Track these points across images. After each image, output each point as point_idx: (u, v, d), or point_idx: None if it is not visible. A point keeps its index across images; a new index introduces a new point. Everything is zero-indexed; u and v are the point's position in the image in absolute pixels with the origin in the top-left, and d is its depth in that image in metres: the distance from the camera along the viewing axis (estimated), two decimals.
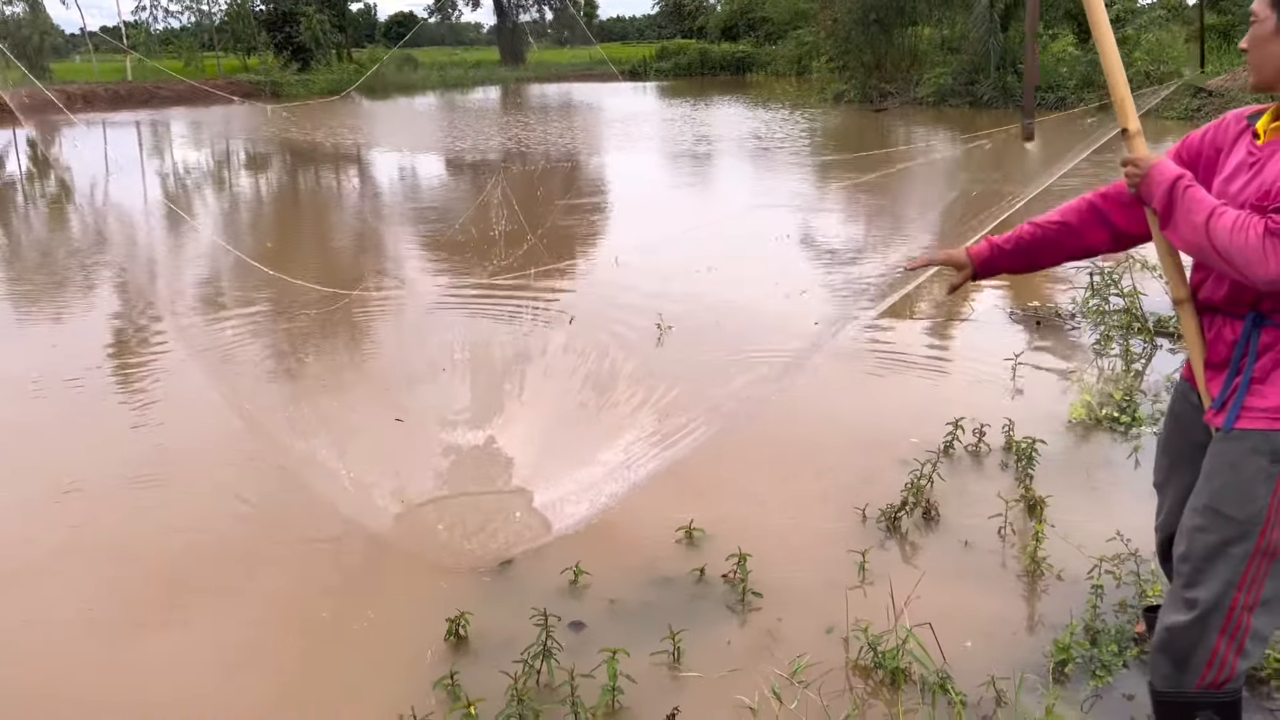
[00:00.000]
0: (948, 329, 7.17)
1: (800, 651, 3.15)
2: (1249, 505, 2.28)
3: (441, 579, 3.70)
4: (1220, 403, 2.35)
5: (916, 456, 4.35)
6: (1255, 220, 2.10)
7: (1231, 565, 2.31)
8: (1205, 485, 2.38)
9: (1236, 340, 2.32)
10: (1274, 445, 2.27)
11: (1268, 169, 2.21)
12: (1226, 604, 2.32)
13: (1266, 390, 2.28)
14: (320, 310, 7.37)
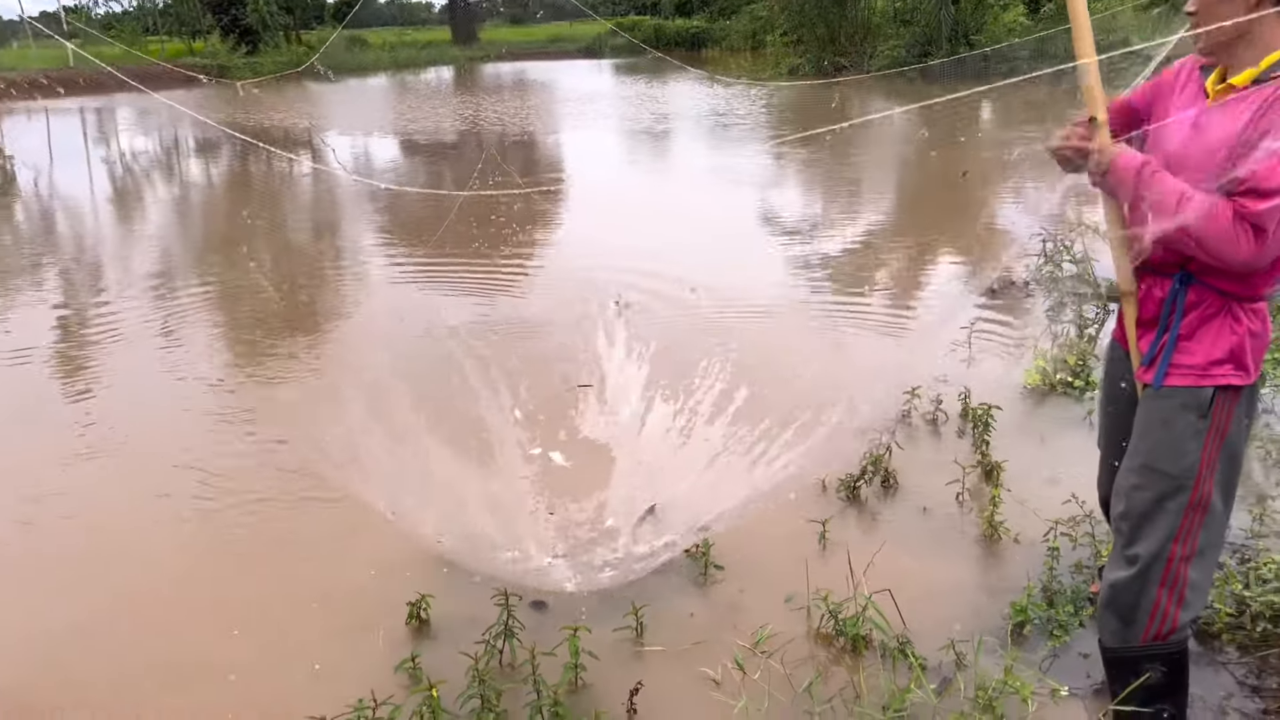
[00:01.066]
0: (904, 299, 7.22)
1: (763, 622, 3.17)
2: (1182, 460, 2.34)
3: (402, 563, 3.67)
4: (1149, 359, 2.40)
5: (875, 426, 4.37)
6: (1224, 205, 2.11)
7: (1168, 519, 2.36)
8: (1139, 443, 2.43)
9: (1165, 298, 2.36)
10: (1201, 401, 2.32)
11: (1210, 132, 2.23)
12: (1164, 556, 2.37)
13: (1193, 347, 2.33)
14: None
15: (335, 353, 6.31)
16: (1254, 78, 2.18)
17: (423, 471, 4.13)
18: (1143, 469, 2.40)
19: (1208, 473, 2.35)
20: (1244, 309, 2.31)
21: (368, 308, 7.41)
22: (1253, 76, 2.18)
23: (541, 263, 8.70)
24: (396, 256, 9.19)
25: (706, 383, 5.31)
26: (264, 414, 5.18)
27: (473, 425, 4.71)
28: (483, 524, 3.69)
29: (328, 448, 4.68)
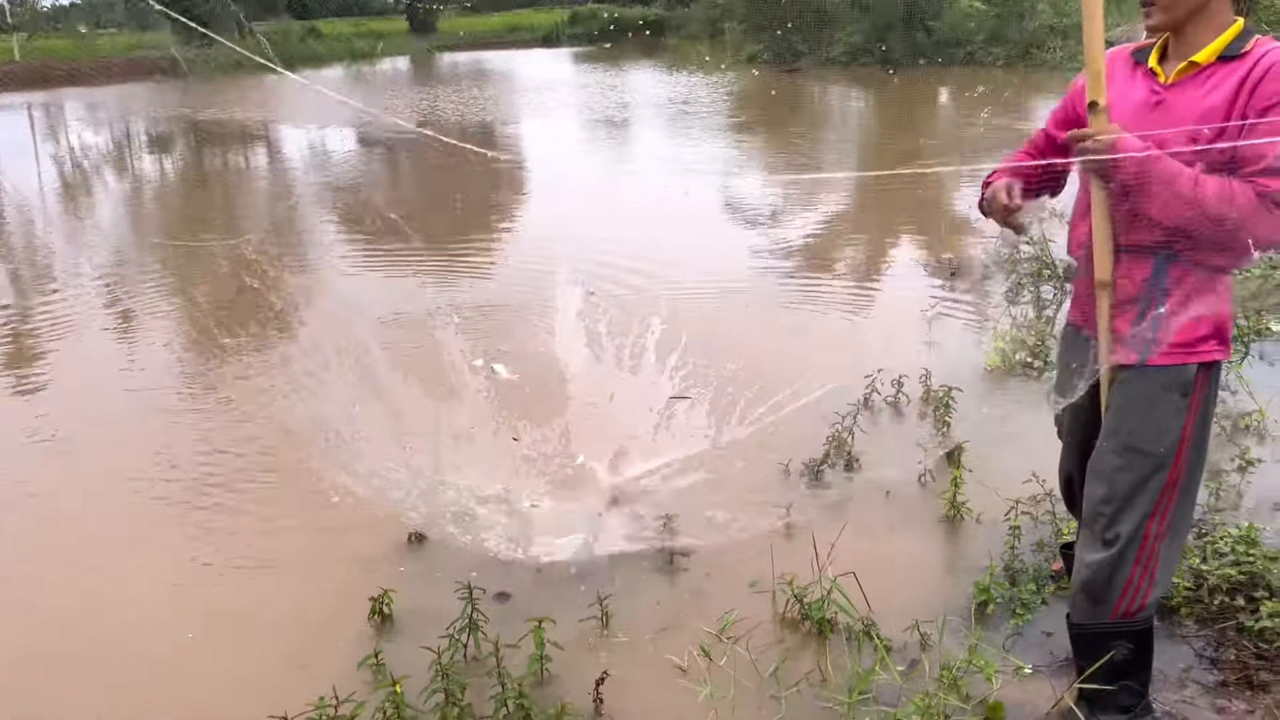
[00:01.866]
0: (865, 282, 7.25)
1: (728, 608, 3.14)
2: (1164, 438, 2.34)
3: (364, 557, 3.63)
4: (1133, 338, 2.38)
5: (838, 409, 4.38)
6: (1241, 186, 2.10)
7: (1148, 498, 2.36)
8: (1121, 424, 2.40)
9: (1147, 278, 2.33)
10: (1185, 378, 2.32)
11: (1177, 109, 2.23)
12: (1141, 535, 2.38)
13: (1177, 324, 2.32)
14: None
15: (299, 339, 6.21)
16: (1219, 53, 2.19)
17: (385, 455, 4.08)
18: (1125, 450, 2.38)
19: (1186, 450, 2.35)
20: (1224, 283, 2.31)
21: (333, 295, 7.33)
22: (1217, 52, 2.19)
23: (502, 254, 8.64)
24: (363, 245, 9.09)
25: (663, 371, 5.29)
26: (223, 403, 5.10)
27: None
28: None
29: (285, 436, 4.63)
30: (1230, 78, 2.16)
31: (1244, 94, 2.13)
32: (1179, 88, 2.25)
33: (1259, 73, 2.12)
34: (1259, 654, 2.81)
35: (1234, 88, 2.14)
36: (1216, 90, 2.17)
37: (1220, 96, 2.16)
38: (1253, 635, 2.86)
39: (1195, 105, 2.20)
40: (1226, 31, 2.19)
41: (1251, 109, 2.12)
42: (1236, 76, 2.15)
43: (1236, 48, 2.18)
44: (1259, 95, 2.11)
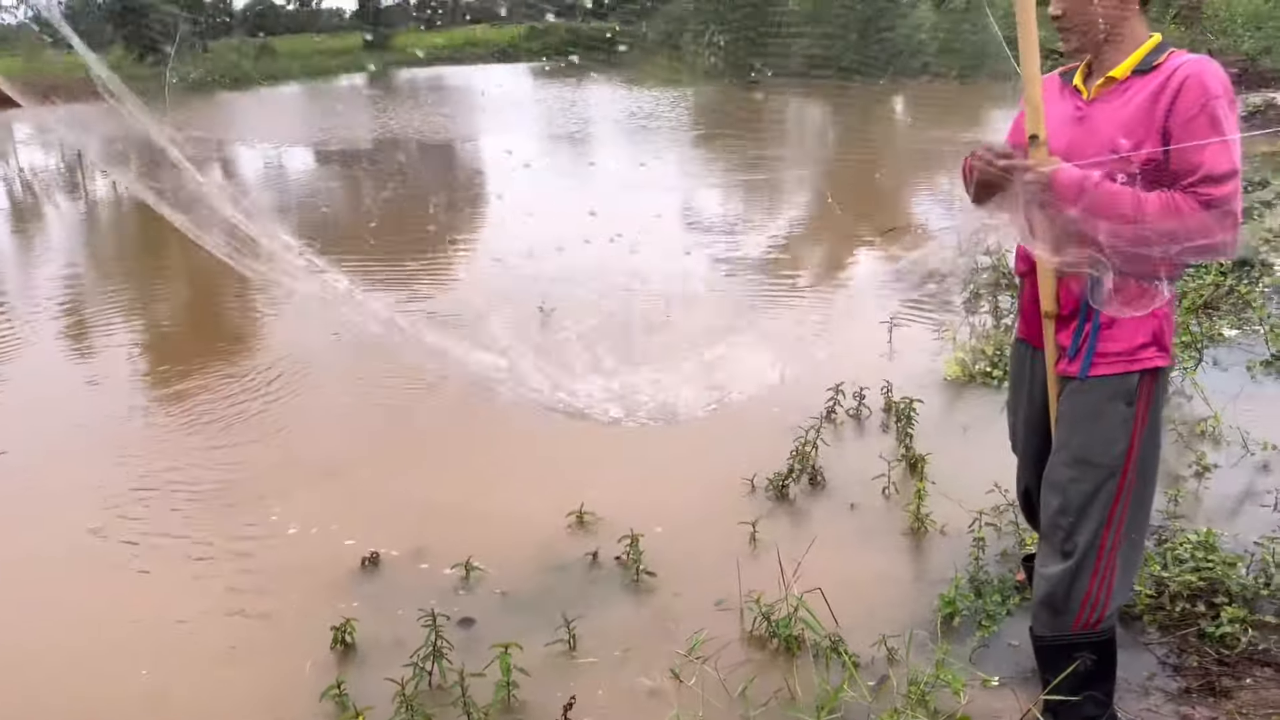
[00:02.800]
0: (824, 294, 7.28)
1: (697, 627, 3.14)
2: (1113, 448, 2.37)
3: (325, 585, 3.57)
4: (1074, 351, 2.42)
5: (801, 423, 4.38)
6: (1182, 198, 2.15)
7: (1102, 508, 2.39)
8: (1070, 437, 2.44)
9: (1083, 290, 2.37)
10: (1129, 387, 2.36)
11: (1097, 122, 2.31)
12: (1097, 545, 2.41)
13: (1116, 334, 2.36)
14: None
15: (257, 358, 6.13)
16: (1134, 68, 2.28)
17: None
18: (1077, 462, 2.41)
19: (1135, 458, 2.39)
20: (1158, 291, 2.34)
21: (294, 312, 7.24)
22: (1132, 66, 2.28)
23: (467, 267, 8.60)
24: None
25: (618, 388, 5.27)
26: (181, 429, 5.01)
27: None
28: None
29: (243, 463, 4.57)
30: (1146, 89, 2.24)
31: (1161, 104, 2.20)
32: (1100, 102, 2.33)
33: (1175, 84, 2.19)
34: (1221, 660, 2.84)
35: (1150, 98, 2.22)
36: (1133, 102, 2.25)
37: (1136, 107, 2.24)
38: (1214, 641, 2.89)
39: (1114, 117, 2.28)
40: (1141, 47, 2.29)
41: (1174, 122, 2.18)
42: (1152, 88, 2.23)
43: (1150, 61, 2.26)
44: (1180, 108, 2.18)
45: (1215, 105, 2.16)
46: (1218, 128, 2.15)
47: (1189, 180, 2.16)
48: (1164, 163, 2.21)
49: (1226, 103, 2.18)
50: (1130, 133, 2.24)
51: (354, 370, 5.83)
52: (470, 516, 4.02)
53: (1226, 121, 2.17)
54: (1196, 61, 2.22)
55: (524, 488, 4.25)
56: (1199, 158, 2.15)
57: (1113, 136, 2.26)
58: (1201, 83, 2.17)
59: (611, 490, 4.15)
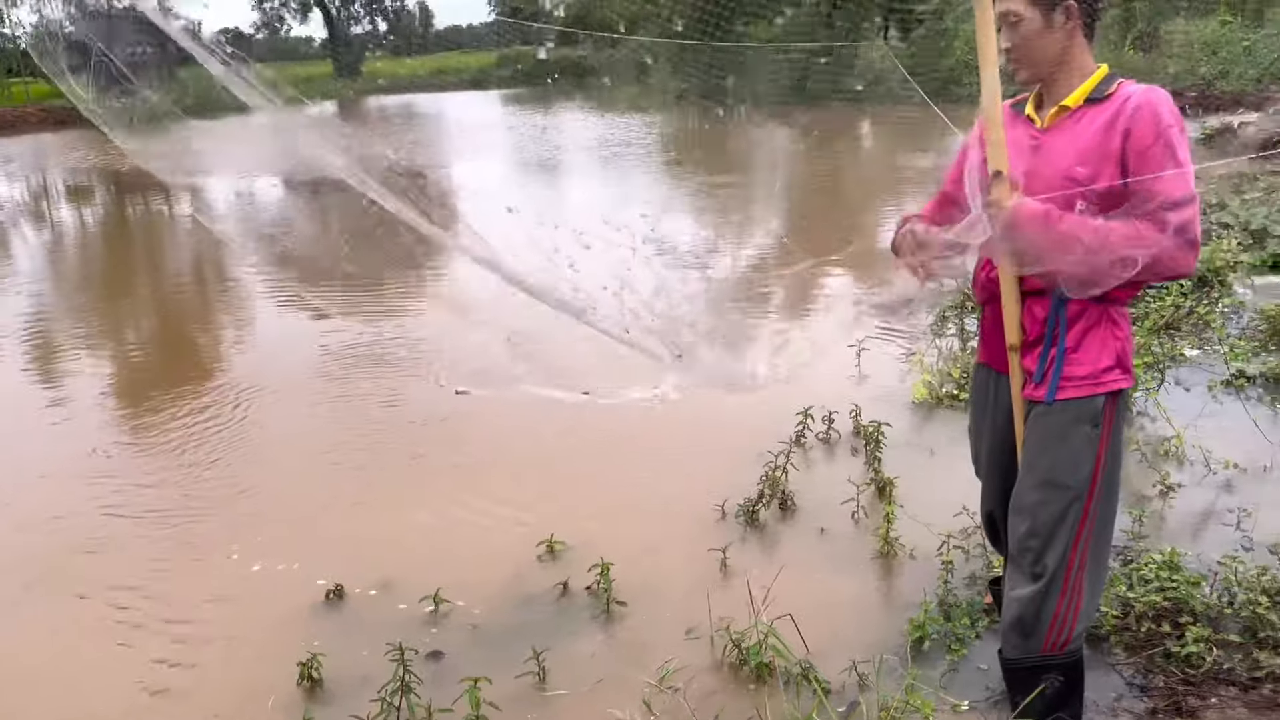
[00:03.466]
0: (793, 318, 7.32)
1: (668, 656, 3.13)
2: (1080, 471, 2.40)
3: (291, 621, 3.52)
4: (1040, 376, 2.45)
5: (770, 448, 4.39)
6: (1144, 225, 2.19)
7: (1069, 529, 2.42)
8: (1038, 460, 2.46)
9: (1047, 315, 2.41)
10: (1095, 410, 2.39)
11: (1053, 151, 2.36)
12: (1065, 566, 2.43)
13: (1081, 358, 2.40)
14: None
15: (218, 391, 6.07)
16: (1086, 96, 2.34)
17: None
18: (1045, 485, 2.43)
19: (1100, 480, 2.41)
20: (1120, 316, 2.40)
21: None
22: (1084, 95, 2.35)
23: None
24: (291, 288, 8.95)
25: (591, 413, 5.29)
26: (140, 465, 4.94)
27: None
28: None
29: (204, 499, 4.51)
30: (1099, 118, 2.30)
31: (1116, 133, 2.26)
32: (1054, 130, 2.39)
33: (1129, 113, 2.25)
34: (1186, 680, 2.86)
35: (1104, 127, 2.29)
36: (1087, 131, 2.31)
37: (1091, 135, 2.30)
38: (1180, 661, 2.92)
39: (1069, 145, 2.33)
40: (1091, 77, 2.35)
41: (1131, 150, 2.24)
42: (1105, 117, 2.29)
43: (1102, 90, 2.33)
44: (1136, 136, 2.24)
45: (1170, 133, 2.23)
46: (1173, 155, 2.21)
47: (1148, 207, 2.21)
48: (1123, 191, 2.25)
49: (1179, 130, 2.25)
50: (1086, 161, 2.30)
51: (317, 404, 5.81)
52: (438, 548, 3.99)
53: (1180, 148, 2.23)
54: (1148, 91, 2.28)
55: (493, 518, 4.24)
56: (1157, 185, 2.21)
57: (1069, 164, 2.32)
58: (1155, 112, 2.23)
59: (582, 519, 4.15)
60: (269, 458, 5.04)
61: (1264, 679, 2.82)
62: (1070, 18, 2.31)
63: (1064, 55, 2.34)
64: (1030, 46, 2.34)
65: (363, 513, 4.35)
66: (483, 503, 4.38)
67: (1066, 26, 2.31)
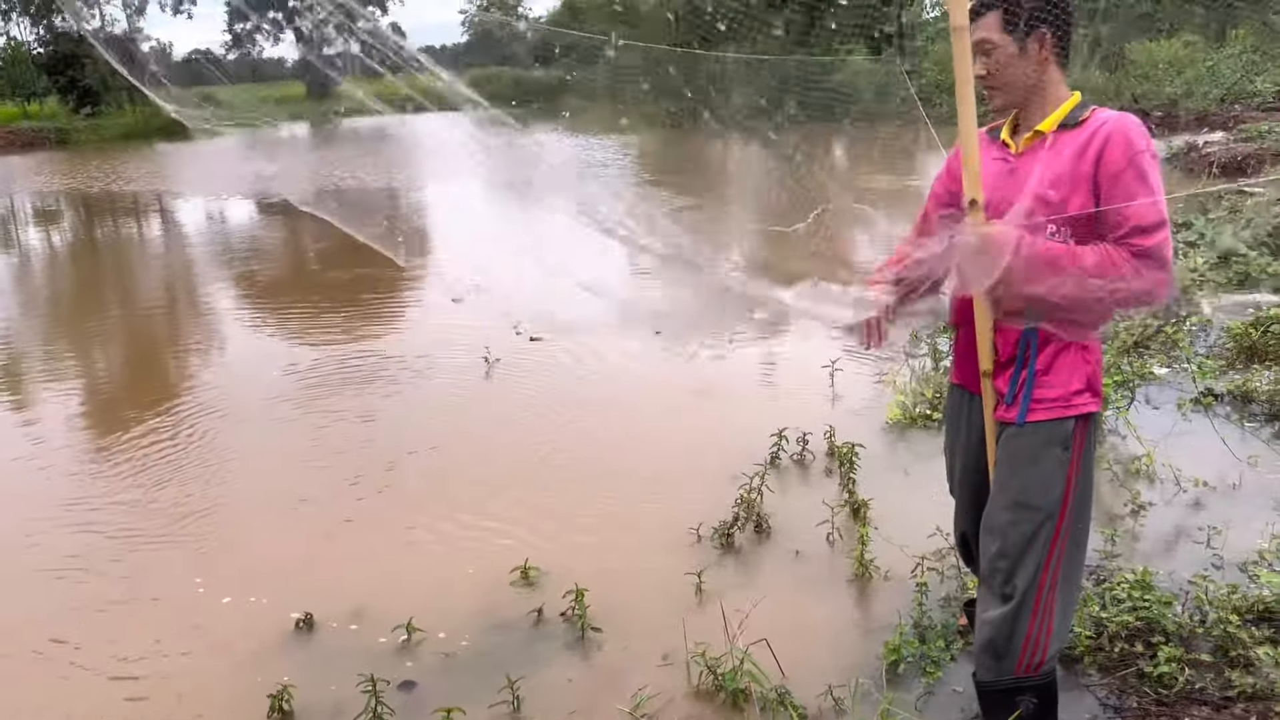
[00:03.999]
0: (766, 340, 7.33)
1: (643, 683, 3.12)
2: (1050, 493, 2.41)
3: (261, 652, 3.47)
4: (1011, 398, 2.46)
5: (745, 470, 4.40)
6: (1115, 250, 2.22)
7: (1040, 551, 2.43)
8: (1009, 480, 2.48)
9: (1019, 337, 2.43)
10: (1065, 432, 2.41)
11: (1027, 175, 2.37)
12: (1035, 588, 2.43)
13: (1052, 380, 2.42)
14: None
15: (182, 417, 6.01)
16: (1059, 122, 2.36)
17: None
18: (1015, 506, 2.45)
19: (1071, 502, 2.43)
20: (1091, 338, 2.42)
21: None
22: (1058, 120, 2.37)
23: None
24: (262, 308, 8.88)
25: (568, 438, 5.27)
26: (103, 495, 4.87)
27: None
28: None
29: (172, 529, 4.45)
30: (1072, 144, 2.32)
31: (1088, 159, 2.28)
32: (1028, 155, 2.41)
33: (1101, 139, 2.27)
34: (1159, 700, 2.87)
35: (1076, 152, 2.31)
36: (1061, 156, 2.33)
37: (1064, 161, 2.32)
38: (1153, 681, 2.93)
39: (1043, 169, 2.35)
40: (1065, 103, 2.38)
41: (1102, 175, 2.26)
42: (1078, 143, 2.31)
43: (1075, 116, 2.36)
44: (1107, 161, 2.26)
45: (1141, 159, 2.25)
46: (1144, 180, 2.24)
47: (1120, 233, 2.24)
48: (1095, 216, 2.28)
49: (1150, 156, 2.27)
50: (1058, 185, 2.32)
51: (285, 429, 5.76)
52: (410, 576, 3.96)
53: (1151, 174, 2.25)
54: (1120, 118, 2.30)
55: (467, 544, 4.21)
56: (1128, 210, 2.23)
57: (1042, 187, 2.33)
58: (1126, 138, 2.26)
59: (556, 544, 4.13)
60: (236, 484, 4.98)
61: (1235, 698, 2.83)
62: (1043, 46, 2.33)
63: (1038, 82, 2.37)
64: (1004, 74, 2.37)
65: (333, 540, 4.31)
66: (455, 529, 4.35)
67: (1039, 55, 2.34)
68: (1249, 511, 4.04)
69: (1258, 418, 5.01)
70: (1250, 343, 5.79)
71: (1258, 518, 3.96)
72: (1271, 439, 4.77)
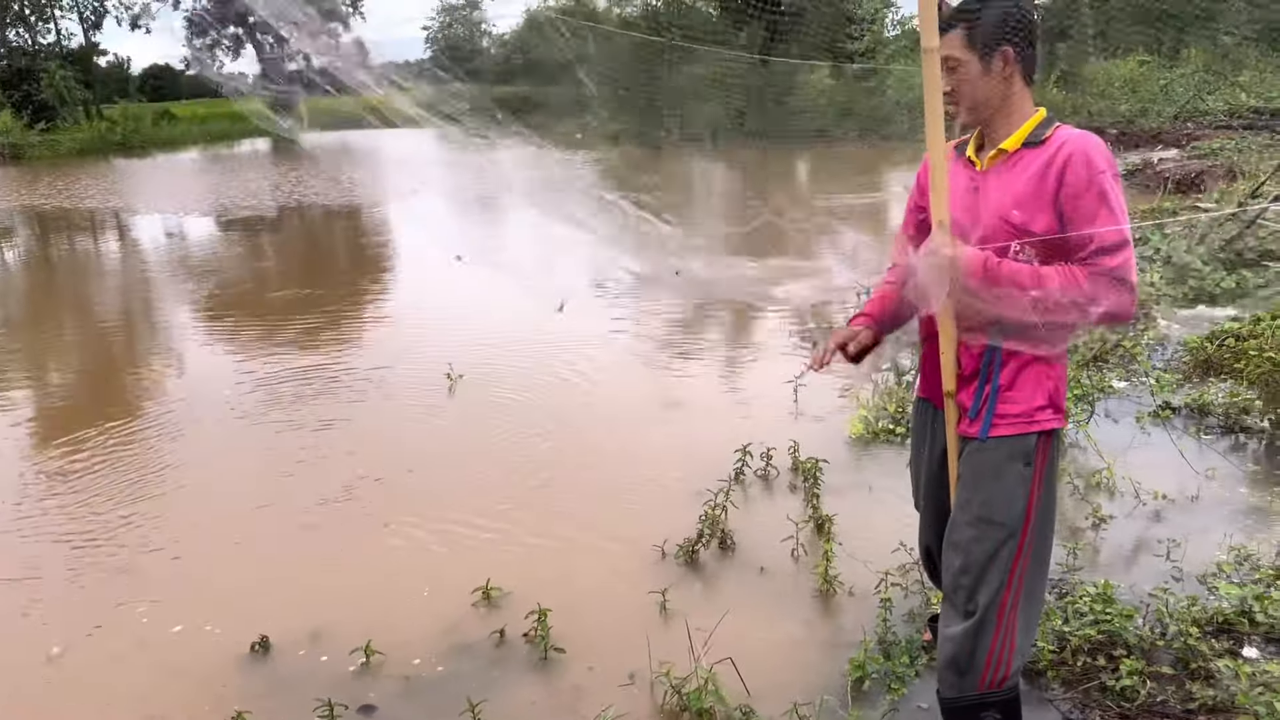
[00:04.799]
0: (731, 356, 7.34)
1: (606, 704, 3.08)
2: (1013, 508, 2.41)
3: (214, 676, 3.39)
4: (974, 412, 2.46)
5: (710, 486, 4.38)
6: (1079, 270, 2.23)
7: (1003, 566, 2.42)
8: (972, 496, 2.48)
9: (983, 352, 2.44)
10: (1028, 448, 2.41)
11: (990, 193, 2.39)
12: (998, 604, 2.43)
13: (1015, 396, 2.42)
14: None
15: (133, 437, 5.89)
16: (1023, 139, 2.37)
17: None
18: (978, 521, 2.45)
19: (1033, 517, 2.43)
20: (1054, 355, 2.42)
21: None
22: (1022, 138, 2.37)
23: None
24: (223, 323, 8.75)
25: (534, 457, 5.22)
26: (48, 521, 4.75)
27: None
28: None
29: (114, 547, 4.35)
30: (1036, 162, 2.33)
31: (1050, 179, 2.30)
32: (992, 173, 2.42)
33: (1063, 160, 2.28)
34: (1122, 713, 2.87)
35: (1039, 171, 2.32)
36: (1025, 174, 2.34)
37: (1027, 180, 2.33)
38: (1115, 695, 2.93)
39: (1007, 188, 2.37)
40: (1029, 120, 2.38)
41: (1065, 195, 2.28)
42: (1041, 161, 2.32)
43: (1039, 134, 2.36)
44: (1069, 182, 2.27)
45: (1102, 180, 2.25)
46: (1105, 201, 2.25)
47: (1083, 254, 2.25)
48: (1060, 236, 2.29)
49: (1111, 175, 2.28)
50: (1022, 205, 2.32)
51: (238, 447, 5.66)
52: (369, 598, 3.88)
53: (1113, 194, 2.26)
54: (1081, 138, 2.30)
55: (426, 564, 4.15)
56: (1094, 232, 2.24)
57: (1006, 207, 2.34)
58: (1088, 158, 2.26)
59: (519, 563, 4.08)
60: (186, 503, 4.88)
61: (1197, 710, 2.85)
62: (1008, 63, 2.34)
63: (1003, 99, 2.37)
64: (969, 91, 2.38)
65: (288, 561, 4.23)
66: (414, 548, 4.29)
67: (1004, 72, 2.35)
68: (1207, 524, 4.08)
69: (1214, 430, 5.08)
70: (1206, 356, 5.88)
71: (1216, 530, 4.00)
72: (1228, 451, 4.83)
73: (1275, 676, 2.89)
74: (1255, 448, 4.89)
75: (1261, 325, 5.66)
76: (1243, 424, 5.09)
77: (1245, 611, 3.30)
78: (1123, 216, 2.25)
